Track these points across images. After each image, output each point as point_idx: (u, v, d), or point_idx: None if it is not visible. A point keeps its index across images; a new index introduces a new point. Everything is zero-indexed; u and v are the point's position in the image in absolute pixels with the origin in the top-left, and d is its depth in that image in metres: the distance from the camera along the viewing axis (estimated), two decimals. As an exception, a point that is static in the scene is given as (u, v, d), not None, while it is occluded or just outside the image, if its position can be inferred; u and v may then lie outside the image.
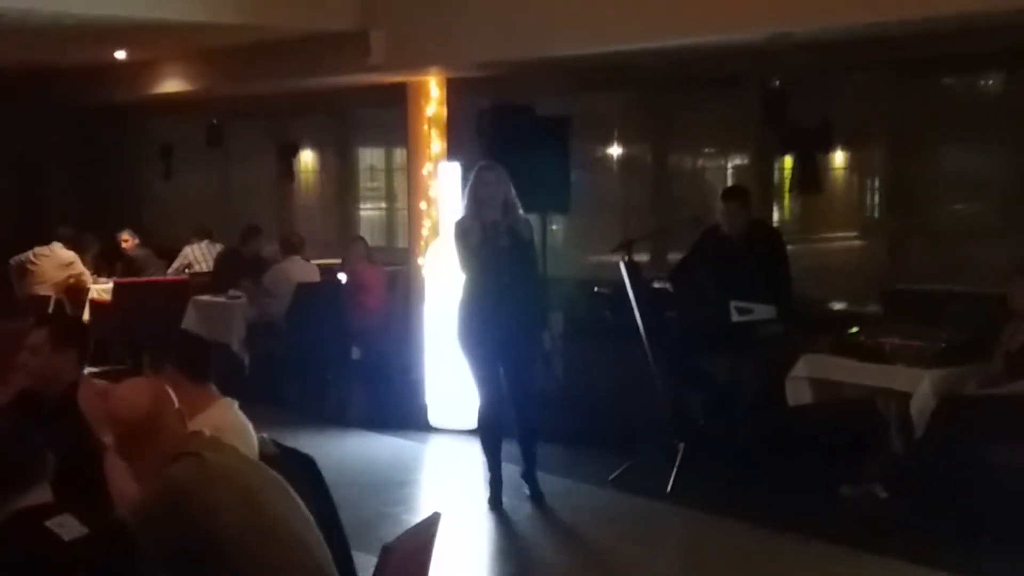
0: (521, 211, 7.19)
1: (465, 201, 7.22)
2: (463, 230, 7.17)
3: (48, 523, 2.85)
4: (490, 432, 7.27)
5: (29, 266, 11.48)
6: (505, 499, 7.18)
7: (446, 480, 8.23)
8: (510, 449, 7.37)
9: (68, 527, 2.85)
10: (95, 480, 4.00)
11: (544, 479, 7.32)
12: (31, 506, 2.90)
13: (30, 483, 2.95)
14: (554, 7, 8.49)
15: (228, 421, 4.23)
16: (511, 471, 7.37)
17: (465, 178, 9.08)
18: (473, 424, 8.21)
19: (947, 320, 7.23)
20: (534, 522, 6.98)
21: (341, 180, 13.32)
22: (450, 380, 8.75)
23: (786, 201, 9.37)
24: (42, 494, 2.96)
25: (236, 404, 4.36)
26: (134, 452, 3.66)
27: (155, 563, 3.33)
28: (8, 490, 2.93)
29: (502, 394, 7.20)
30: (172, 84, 12.97)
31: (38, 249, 11.62)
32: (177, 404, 3.75)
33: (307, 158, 13.77)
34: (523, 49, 8.97)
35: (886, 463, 7.12)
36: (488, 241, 7.00)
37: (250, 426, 4.33)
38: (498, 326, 7.00)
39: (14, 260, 11.57)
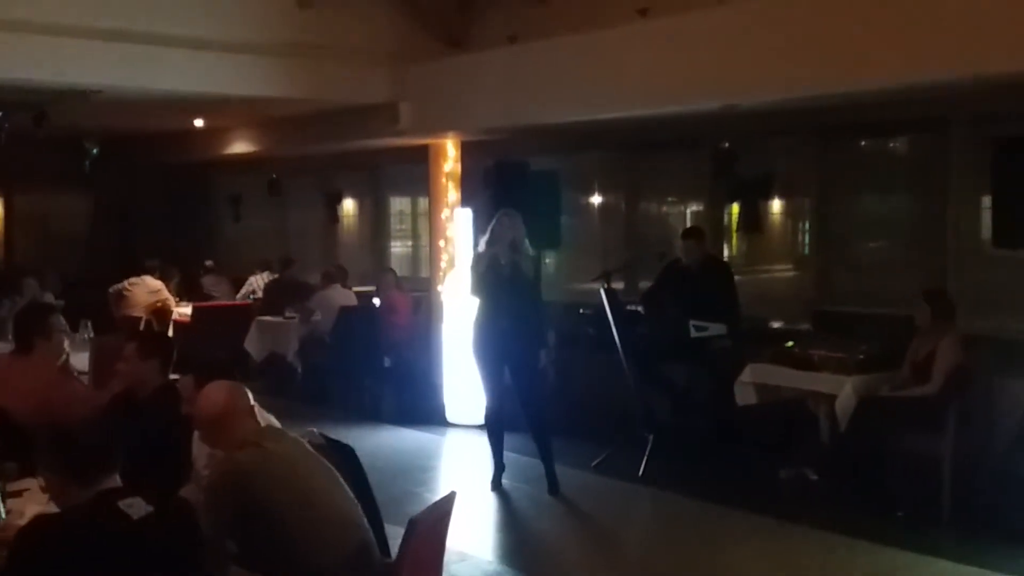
0: (528, 250, 7.12)
1: (484, 237, 7.20)
2: (476, 260, 7.19)
3: (121, 504, 2.83)
4: (494, 426, 7.23)
5: (124, 293, 11.48)
6: (507, 481, 7.15)
7: (460, 466, 8.21)
8: (513, 441, 7.35)
9: (136, 507, 2.85)
10: (172, 464, 4.01)
11: (536, 464, 7.27)
12: (107, 489, 2.89)
13: (106, 472, 2.93)
14: (545, 84, 8.52)
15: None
16: (513, 459, 7.35)
17: (476, 222, 9.14)
18: (481, 420, 8.21)
19: (864, 336, 7.23)
20: (530, 500, 6.95)
21: (375, 223, 13.35)
22: (463, 384, 8.73)
23: (734, 240, 9.38)
24: (115, 480, 2.93)
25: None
26: (214, 438, 3.70)
27: (221, 529, 3.33)
28: (88, 477, 2.90)
29: (504, 396, 7.15)
30: (240, 146, 13.05)
31: (132, 279, 11.63)
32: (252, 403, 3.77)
33: (348, 205, 13.81)
34: (521, 117, 9.02)
35: (816, 451, 7.10)
36: (492, 271, 6.97)
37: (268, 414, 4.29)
38: (499, 340, 6.96)
39: (112, 288, 11.58)
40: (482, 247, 7.18)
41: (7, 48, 8.03)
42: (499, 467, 7.21)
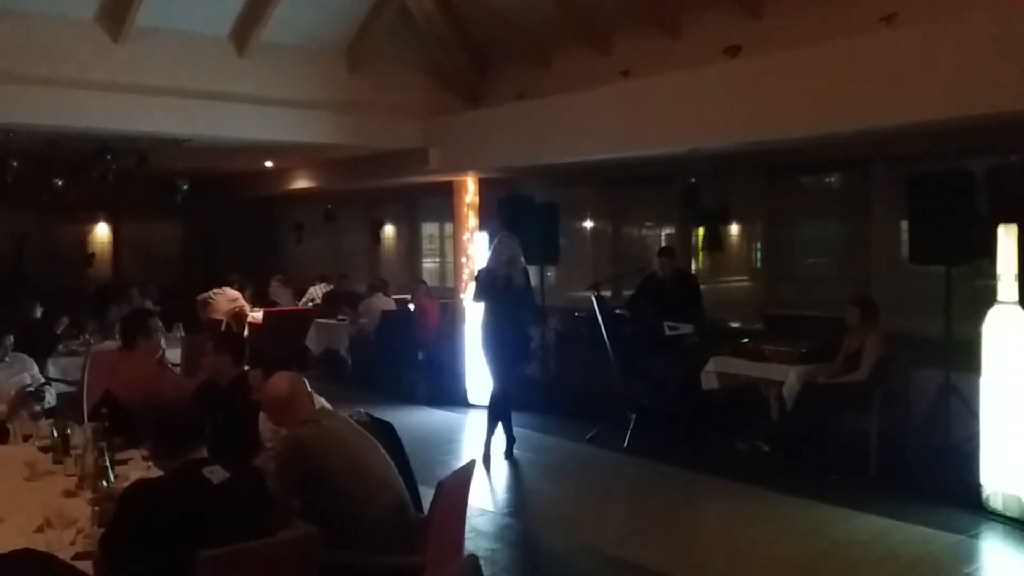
0: (522, 265, 7.08)
1: (488, 255, 7.19)
2: (479, 273, 7.18)
3: (204, 470, 2.83)
4: (499, 406, 7.12)
5: (209, 300, 11.52)
6: (517, 451, 7.14)
7: (478, 438, 8.14)
8: (522, 418, 7.33)
9: (217, 473, 2.84)
10: (245, 439, 4.01)
11: (541, 438, 7.30)
12: (194, 459, 2.89)
13: (195, 445, 2.93)
14: (546, 132, 8.55)
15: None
16: (522, 433, 7.34)
17: (491, 243, 9.13)
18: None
19: (805, 334, 7.21)
20: (535, 466, 6.93)
21: (410, 243, 13.36)
22: (480, 372, 8.71)
23: (700, 256, 9.35)
24: (202, 451, 2.94)
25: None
26: (279, 418, 3.70)
27: (287, 490, 3.33)
28: (177, 449, 2.91)
29: (503, 381, 7.07)
30: (302, 182, 13.08)
31: (215, 290, 11.68)
32: (309, 389, 3.77)
33: (389, 230, 13.82)
34: (527, 159, 9.03)
35: (767, 427, 7.07)
36: (492, 282, 6.93)
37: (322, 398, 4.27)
38: (498, 337, 6.94)
39: (199, 297, 11.64)
40: (484, 262, 7.17)
41: (117, 106, 8.10)
42: (489, 440, 7.10)
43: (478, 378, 8.85)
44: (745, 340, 7.41)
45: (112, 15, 8.20)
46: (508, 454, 7.13)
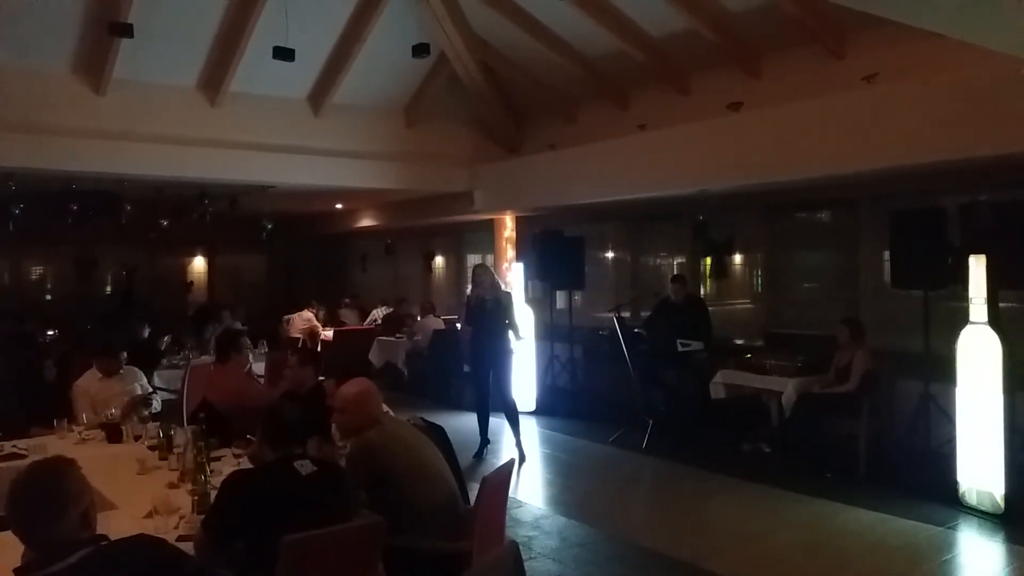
0: (503, 288, 7.04)
1: (472, 282, 7.12)
2: (467, 299, 7.11)
3: (295, 463, 2.87)
4: (481, 410, 7.03)
5: (288, 321, 11.66)
6: (549, 451, 7.10)
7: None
8: (554, 422, 7.28)
9: (305, 466, 2.87)
10: (324, 440, 4.05)
11: (571, 440, 7.24)
12: (289, 453, 2.93)
13: (298, 441, 2.97)
14: (574, 176, 8.59)
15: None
16: (552, 436, 7.29)
17: (526, 272, 9.14)
18: (531, 407, 8.16)
19: (801, 349, 7.13)
20: (566, 464, 6.90)
21: (457, 272, 13.41)
22: (517, 381, 8.66)
23: (708, 283, 9.29)
24: (300, 447, 2.97)
25: None
26: (349, 418, 3.68)
27: (357, 486, 3.36)
28: (286, 442, 2.96)
29: (486, 390, 6.99)
30: (366, 221, 13.25)
31: (294, 313, 11.82)
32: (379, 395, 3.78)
33: (439, 261, 13.88)
34: (557, 200, 9.08)
35: (768, 431, 7.00)
36: (479, 305, 6.87)
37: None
38: (483, 352, 6.88)
39: (284, 318, 11.78)
40: (469, 290, 7.12)
41: (213, 158, 8.31)
42: (484, 441, 7.01)
43: (516, 386, 8.82)
44: (748, 355, 7.35)
45: (210, 83, 8.44)
46: (479, 455, 6.90)
